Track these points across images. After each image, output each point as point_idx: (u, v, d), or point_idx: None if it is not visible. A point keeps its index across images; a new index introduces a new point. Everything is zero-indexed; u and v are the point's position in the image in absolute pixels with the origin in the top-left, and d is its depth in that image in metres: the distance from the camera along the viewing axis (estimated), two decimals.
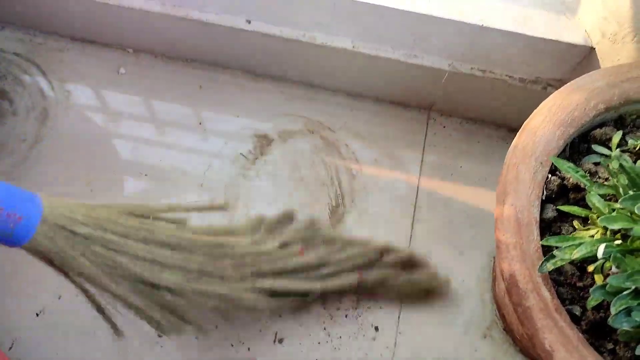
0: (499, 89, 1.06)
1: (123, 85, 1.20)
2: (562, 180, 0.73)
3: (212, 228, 0.88)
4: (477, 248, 1.07)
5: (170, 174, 1.12)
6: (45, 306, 1.01)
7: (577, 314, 0.68)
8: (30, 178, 1.10)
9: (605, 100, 0.75)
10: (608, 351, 0.67)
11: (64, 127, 1.15)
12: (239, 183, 1.11)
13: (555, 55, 0.98)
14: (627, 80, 0.76)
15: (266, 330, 0.99)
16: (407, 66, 1.06)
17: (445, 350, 0.99)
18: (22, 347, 0.98)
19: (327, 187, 1.11)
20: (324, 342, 0.99)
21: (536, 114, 0.76)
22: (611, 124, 0.77)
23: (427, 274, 1.01)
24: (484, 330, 1.01)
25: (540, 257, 0.67)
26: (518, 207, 0.69)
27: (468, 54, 1.02)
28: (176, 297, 0.79)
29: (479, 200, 1.11)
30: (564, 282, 0.70)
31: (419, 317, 1.01)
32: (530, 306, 0.65)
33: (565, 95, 0.75)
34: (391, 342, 1.00)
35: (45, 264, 0.73)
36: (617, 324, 0.58)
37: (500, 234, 0.70)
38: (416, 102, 1.17)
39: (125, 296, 0.76)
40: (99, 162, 1.12)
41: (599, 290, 0.59)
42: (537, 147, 0.73)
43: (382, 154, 1.15)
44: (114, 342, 0.98)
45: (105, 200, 1.06)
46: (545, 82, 1.03)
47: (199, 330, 0.96)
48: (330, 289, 0.92)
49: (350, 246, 0.97)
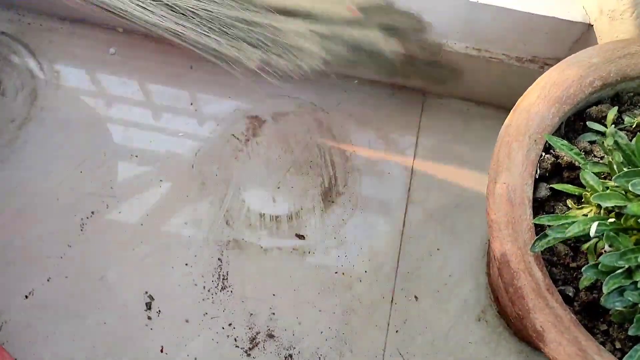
0: (494, 68, 1.04)
1: (113, 65, 1.18)
2: (556, 159, 0.71)
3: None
4: (472, 231, 1.06)
5: (161, 155, 1.10)
6: (35, 288, 1.00)
7: (570, 294, 0.67)
8: (19, 159, 1.08)
9: (601, 76, 0.73)
10: (601, 332, 0.65)
11: (53, 108, 1.13)
12: (231, 164, 1.10)
13: (552, 33, 0.95)
14: (624, 57, 0.74)
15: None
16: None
17: (438, 333, 0.98)
18: (11, 329, 0.97)
19: (320, 169, 1.10)
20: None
21: (531, 91, 0.74)
22: (607, 101, 0.76)
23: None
24: (478, 314, 1.00)
25: (532, 236, 0.66)
26: (510, 186, 0.68)
27: (463, 32, 1.00)
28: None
29: (474, 183, 1.09)
30: (556, 262, 0.68)
31: (413, 301, 1.00)
32: (522, 286, 0.64)
33: (561, 71, 0.73)
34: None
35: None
36: (609, 303, 0.56)
37: (492, 212, 0.68)
38: (411, 82, 1.15)
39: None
40: (88, 143, 1.11)
41: (591, 269, 0.58)
42: (531, 124, 0.71)
43: (376, 135, 1.13)
44: (104, 325, 0.97)
45: (95, 181, 1.05)
46: (542, 62, 1.01)
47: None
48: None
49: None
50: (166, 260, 1.02)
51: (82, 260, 1.02)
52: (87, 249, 1.03)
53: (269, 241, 1.04)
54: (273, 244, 1.04)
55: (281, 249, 1.03)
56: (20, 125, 1.11)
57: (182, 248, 1.03)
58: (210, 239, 1.04)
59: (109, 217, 1.05)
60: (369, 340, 0.98)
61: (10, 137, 1.10)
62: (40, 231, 1.04)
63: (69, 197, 1.06)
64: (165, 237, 1.04)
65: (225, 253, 1.03)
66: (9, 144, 1.09)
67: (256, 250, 1.03)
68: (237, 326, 0.98)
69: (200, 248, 1.03)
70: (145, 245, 1.03)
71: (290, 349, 0.97)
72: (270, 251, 1.03)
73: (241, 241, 1.04)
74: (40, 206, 1.05)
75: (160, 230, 1.04)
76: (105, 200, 1.06)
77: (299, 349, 0.97)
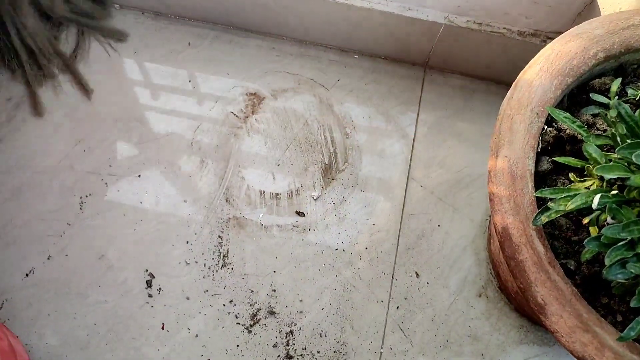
0: (496, 42, 1.03)
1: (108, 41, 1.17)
2: (558, 132, 0.70)
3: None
4: (473, 207, 1.05)
5: (159, 134, 1.09)
6: (35, 267, 1.00)
7: (572, 268, 0.66)
8: (17, 137, 1.07)
9: (605, 48, 0.72)
10: (602, 305, 0.65)
11: (52, 87, 1.12)
12: (230, 142, 1.09)
13: (555, 5, 0.94)
14: (628, 28, 0.72)
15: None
16: (402, 20, 1.02)
17: (439, 309, 0.98)
18: (12, 307, 0.97)
19: (320, 145, 1.09)
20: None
21: (533, 64, 0.73)
22: (611, 73, 0.74)
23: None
24: (479, 289, 1.00)
25: (534, 209, 0.65)
26: (512, 159, 0.67)
27: (464, 5, 0.98)
28: None
29: (475, 159, 1.09)
30: (558, 236, 0.68)
31: (413, 277, 1.00)
32: (523, 259, 0.64)
33: (564, 43, 0.72)
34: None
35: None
36: (611, 275, 0.56)
37: (493, 186, 0.67)
38: (411, 58, 1.14)
39: None
40: (87, 121, 1.10)
41: (593, 241, 0.57)
42: (533, 97, 0.70)
43: (376, 111, 1.12)
44: (104, 303, 0.98)
45: (94, 160, 1.04)
46: (544, 35, 1.00)
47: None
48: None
49: None
50: (166, 239, 1.02)
51: (82, 239, 1.02)
52: (87, 228, 1.02)
53: (269, 218, 1.04)
54: (273, 222, 1.03)
55: (281, 226, 1.03)
56: (18, 104, 1.10)
57: (182, 226, 1.03)
58: (211, 217, 1.03)
59: (109, 196, 1.04)
60: (370, 317, 0.98)
61: (8, 116, 1.09)
62: (40, 210, 1.03)
63: (68, 176, 1.05)
64: (165, 216, 1.03)
65: (226, 231, 1.02)
66: (7, 123, 1.09)
67: (256, 228, 1.03)
68: (238, 303, 0.98)
69: (200, 226, 1.03)
70: (145, 223, 1.03)
71: (291, 325, 0.97)
72: (271, 228, 1.03)
73: (241, 219, 1.03)
74: (39, 185, 1.05)
75: (159, 208, 1.04)
76: (105, 179, 1.05)
77: (300, 325, 0.97)
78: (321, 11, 1.05)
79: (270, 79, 1.14)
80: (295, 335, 0.97)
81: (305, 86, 1.13)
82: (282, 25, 1.13)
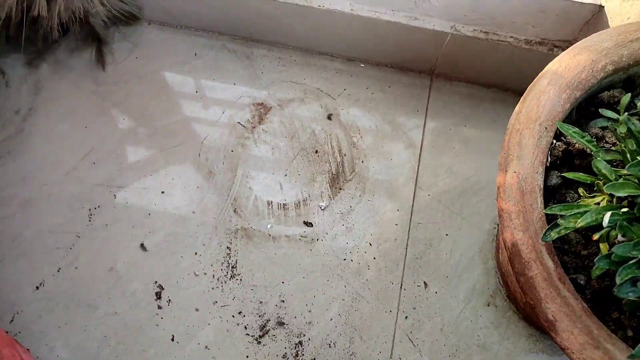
0: (503, 51, 1.02)
1: (116, 52, 1.17)
2: (567, 146, 0.70)
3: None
4: (481, 215, 1.05)
5: (168, 145, 1.09)
6: (45, 279, 1.00)
7: (582, 282, 0.66)
8: (26, 150, 1.08)
9: (613, 61, 0.72)
10: (613, 320, 0.65)
11: (57, 98, 1.12)
12: (237, 152, 1.09)
13: (562, 14, 0.94)
14: (637, 40, 0.72)
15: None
16: (408, 29, 1.02)
17: (448, 319, 0.98)
18: (23, 320, 0.98)
19: (327, 155, 1.09)
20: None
21: (541, 77, 0.72)
22: (619, 85, 0.74)
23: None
24: (488, 298, 1.00)
25: (543, 225, 0.65)
26: (521, 174, 0.67)
27: (471, 15, 0.98)
28: None
29: (482, 166, 1.08)
30: (568, 250, 0.68)
31: (422, 286, 1.00)
32: (533, 276, 0.64)
33: (572, 56, 0.72)
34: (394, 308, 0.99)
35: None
36: (622, 293, 0.56)
37: (502, 202, 0.67)
38: (418, 66, 1.14)
39: None
40: (96, 132, 1.10)
41: (604, 259, 0.57)
42: (542, 111, 0.70)
43: (383, 120, 1.12)
44: (114, 315, 0.98)
45: (102, 172, 1.05)
46: (551, 44, 1.00)
47: None
48: None
49: None
50: (175, 250, 1.02)
51: (92, 251, 1.02)
52: (96, 240, 1.03)
53: (277, 229, 1.04)
54: (281, 232, 1.04)
55: (289, 236, 1.03)
56: (25, 117, 1.10)
57: (191, 237, 1.03)
58: (219, 228, 1.04)
59: (117, 208, 1.05)
60: (379, 327, 0.98)
61: (16, 129, 1.09)
62: (49, 222, 1.04)
63: (76, 188, 1.06)
64: (174, 227, 1.04)
65: (234, 242, 1.03)
66: (15, 135, 1.09)
67: (264, 238, 1.03)
68: (247, 314, 0.99)
69: (208, 237, 1.03)
70: (153, 235, 1.03)
71: (300, 336, 0.97)
72: (279, 239, 1.03)
73: (249, 229, 1.04)
74: (48, 197, 1.05)
75: (168, 219, 1.04)
76: (113, 191, 1.06)
77: (309, 336, 0.97)
78: (327, 21, 1.06)
79: (277, 88, 1.14)
80: (305, 346, 0.97)
81: (311, 96, 1.14)
82: (288, 35, 1.13)
